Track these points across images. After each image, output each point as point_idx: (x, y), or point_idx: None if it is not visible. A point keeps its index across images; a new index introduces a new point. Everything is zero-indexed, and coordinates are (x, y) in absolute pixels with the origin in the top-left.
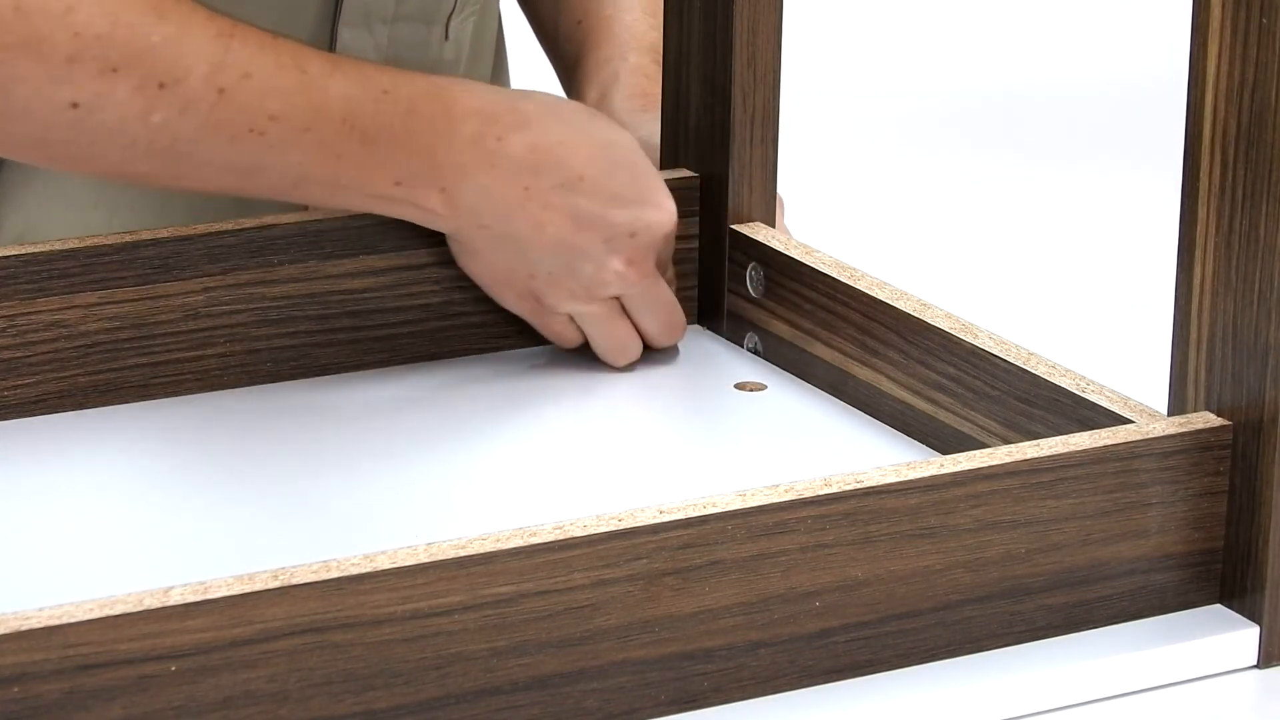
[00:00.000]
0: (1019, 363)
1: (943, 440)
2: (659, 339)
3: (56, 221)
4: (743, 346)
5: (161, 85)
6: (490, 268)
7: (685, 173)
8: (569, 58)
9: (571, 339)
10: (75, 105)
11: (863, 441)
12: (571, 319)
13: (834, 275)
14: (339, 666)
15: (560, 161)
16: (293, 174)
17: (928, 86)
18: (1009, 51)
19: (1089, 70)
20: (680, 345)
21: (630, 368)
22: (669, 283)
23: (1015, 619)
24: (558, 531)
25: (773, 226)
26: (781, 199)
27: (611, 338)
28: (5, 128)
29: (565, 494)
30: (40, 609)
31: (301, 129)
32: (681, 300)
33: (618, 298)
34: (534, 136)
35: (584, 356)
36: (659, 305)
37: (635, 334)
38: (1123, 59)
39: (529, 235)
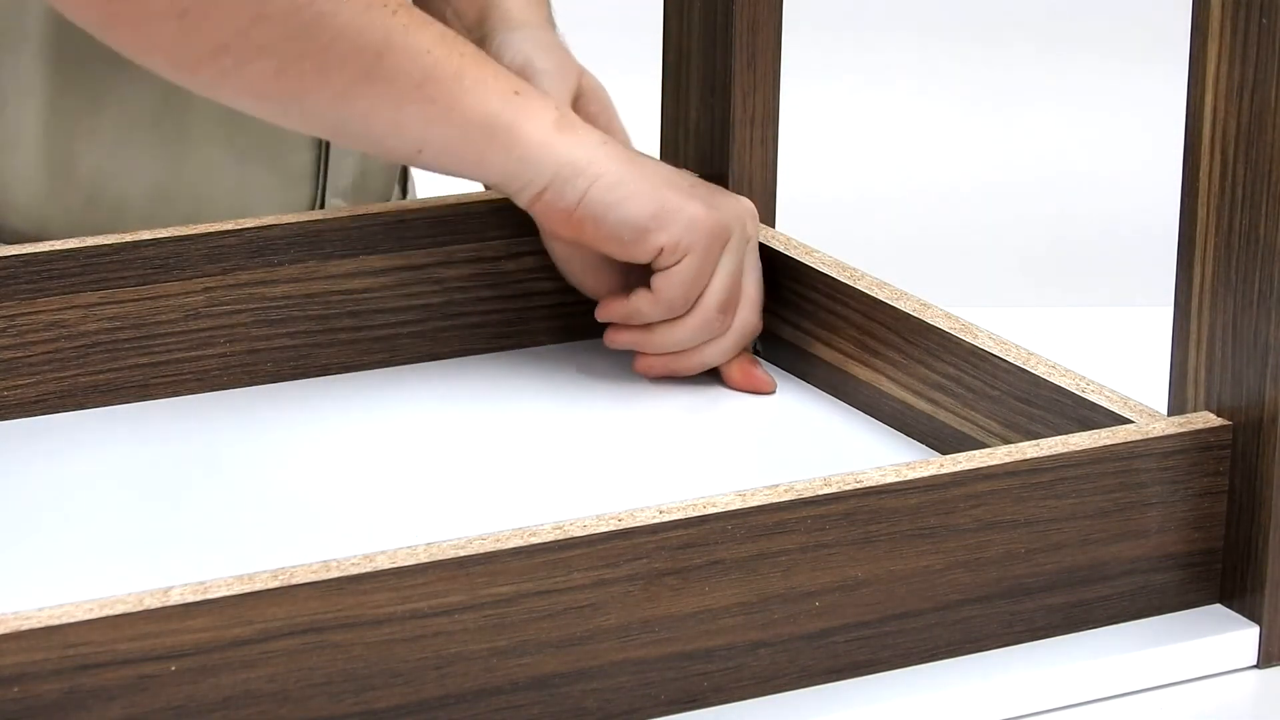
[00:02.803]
0: (1019, 363)
1: (943, 440)
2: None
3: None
4: None
5: None
6: (631, 182)
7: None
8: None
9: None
10: None
11: (863, 441)
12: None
13: (834, 275)
14: (339, 666)
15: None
16: (420, 63)
17: (927, 85)
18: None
19: (1087, 70)
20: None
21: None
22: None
23: (1015, 619)
24: (558, 531)
25: (772, 226)
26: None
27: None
28: None
29: (565, 494)
30: (40, 609)
31: (427, 21)
32: None
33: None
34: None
35: (583, 356)
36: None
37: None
38: (1130, 56)
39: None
